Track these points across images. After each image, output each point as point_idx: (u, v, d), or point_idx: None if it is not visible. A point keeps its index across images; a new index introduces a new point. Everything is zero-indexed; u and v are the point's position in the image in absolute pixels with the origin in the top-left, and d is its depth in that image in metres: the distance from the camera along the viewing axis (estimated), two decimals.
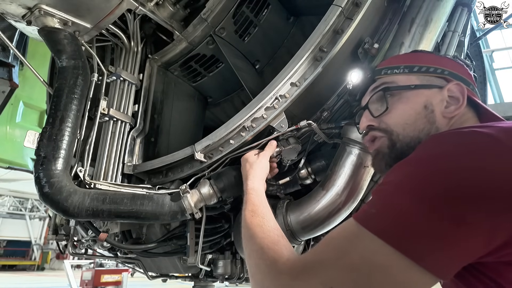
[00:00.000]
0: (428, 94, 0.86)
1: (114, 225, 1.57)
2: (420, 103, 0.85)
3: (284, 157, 1.37)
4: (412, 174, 0.60)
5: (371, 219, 0.58)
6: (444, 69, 0.90)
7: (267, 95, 1.32)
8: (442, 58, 0.97)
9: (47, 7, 1.50)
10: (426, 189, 0.55)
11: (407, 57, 0.98)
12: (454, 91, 0.85)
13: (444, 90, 0.85)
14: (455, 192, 0.53)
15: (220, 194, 1.40)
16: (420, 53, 1.03)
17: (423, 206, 0.54)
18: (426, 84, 0.88)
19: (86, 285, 8.99)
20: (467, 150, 0.58)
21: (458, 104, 0.83)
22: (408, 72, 0.91)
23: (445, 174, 0.56)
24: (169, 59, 2.02)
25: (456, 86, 0.85)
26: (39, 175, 1.31)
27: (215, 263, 1.80)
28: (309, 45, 1.29)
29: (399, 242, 0.53)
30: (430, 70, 0.90)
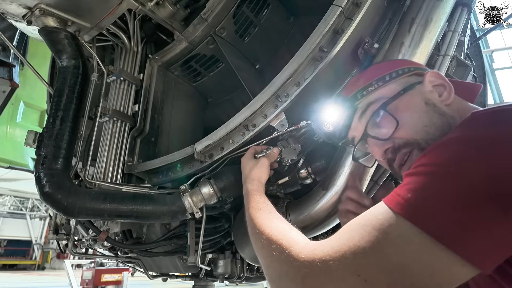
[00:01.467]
0: (417, 91, 0.84)
1: (114, 224, 1.58)
2: (420, 102, 0.82)
3: (284, 157, 1.38)
4: (458, 156, 0.52)
5: (406, 206, 0.52)
6: (409, 67, 0.91)
7: (267, 95, 1.32)
8: (394, 61, 0.98)
9: (48, 7, 1.50)
10: (474, 175, 0.49)
11: (368, 75, 0.95)
12: (434, 80, 0.84)
13: (426, 83, 0.84)
14: (506, 180, 0.47)
15: (220, 194, 1.41)
16: (376, 66, 1.01)
17: (462, 192, 0.48)
18: (409, 85, 0.86)
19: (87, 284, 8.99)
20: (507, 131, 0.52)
21: (446, 89, 0.82)
22: (383, 84, 0.89)
23: (497, 158, 0.49)
24: (169, 59, 2.02)
25: (432, 74, 0.85)
26: (39, 175, 1.32)
27: (215, 262, 1.80)
28: (309, 45, 1.29)
29: (441, 232, 0.48)
30: (399, 73, 0.89)
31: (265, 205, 0.96)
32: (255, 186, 1.10)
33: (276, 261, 0.67)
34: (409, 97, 0.83)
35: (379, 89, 0.88)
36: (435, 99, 0.82)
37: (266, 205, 0.96)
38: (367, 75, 0.95)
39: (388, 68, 0.91)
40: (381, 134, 0.83)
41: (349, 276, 0.51)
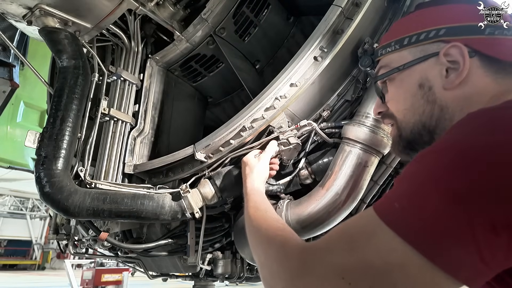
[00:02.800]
0: (422, 69, 0.75)
1: (114, 224, 1.58)
2: (414, 83, 0.76)
3: (284, 157, 1.38)
4: (440, 166, 0.51)
5: (391, 214, 0.52)
6: (439, 28, 0.74)
7: (267, 95, 1.33)
8: (442, 9, 0.78)
9: (48, 7, 1.51)
10: (455, 187, 0.47)
11: (402, 25, 0.85)
12: (452, 54, 0.71)
13: (441, 56, 0.72)
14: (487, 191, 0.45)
15: (220, 194, 1.41)
16: (417, 13, 0.84)
17: (449, 205, 0.46)
18: (418, 58, 0.76)
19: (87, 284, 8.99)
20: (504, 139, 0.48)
21: (458, 70, 0.69)
22: (400, 48, 0.80)
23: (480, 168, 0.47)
24: (170, 59, 2.02)
25: (452, 48, 0.71)
26: (40, 175, 1.32)
27: (215, 262, 1.80)
28: (309, 45, 1.29)
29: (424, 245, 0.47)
30: (421, 38, 0.76)
31: (262, 205, 0.97)
32: (254, 184, 1.12)
33: (268, 260, 0.68)
34: (409, 72, 0.77)
35: (395, 53, 0.81)
36: (437, 81, 0.72)
37: (263, 204, 0.97)
38: (399, 27, 0.85)
39: (421, 23, 0.78)
40: (381, 92, 0.87)
41: (334, 278, 0.52)
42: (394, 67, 0.80)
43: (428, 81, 0.74)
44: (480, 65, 0.69)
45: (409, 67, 0.77)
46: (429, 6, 0.81)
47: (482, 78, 0.69)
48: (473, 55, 0.69)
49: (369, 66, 0.91)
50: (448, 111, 0.71)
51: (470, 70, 0.69)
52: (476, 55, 0.69)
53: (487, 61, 0.69)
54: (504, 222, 0.43)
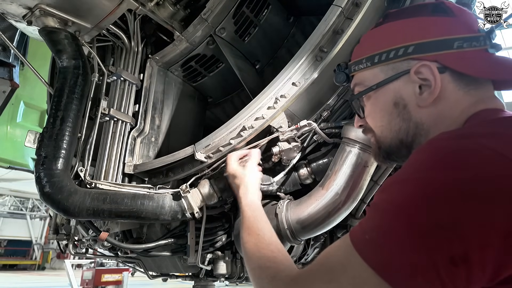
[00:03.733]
0: (396, 87, 0.75)
1: (114, 224, 1.58)
2: (389, 102, 0.76)
3: (284, 157, 1.38)
4: (403, 199, 0.53)
5: (363, 246, 0.55)
6: (407, 46, 0.73)
7: (267, 95, 1.33)
8: (410, 23, 0.77)
9: (48, 7, 1.51)
10: (417, 221, 0.50)
11: (372, 40, 0.84)
12: (422, 73, 0.71)
13: (412, 75, 0.72)
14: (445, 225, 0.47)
15: (220, 194, 1.41)
16: (385, 26, 0.82)
17: (411, 238, 0.49)
18: (390, 76, 0.76)
19: (87, 284, 8.99)
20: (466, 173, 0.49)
21: (430, 89, 0.70)
22: (371, 65, 0.79)
23: (439, 203, 0.49)
24: (170, 59, 2.02)
25: (422, 67, 0.70)
26: (40, 175, 1.32)
27: (215, 262, 1.80)
28: (309, 45, 1.29)
29: (389, 274, 0.50)
30: (390, 56, 0.75)
31: (255, 224, 0.95)
32: (248, 198, 1.07)
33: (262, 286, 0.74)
34: (383, 91, 0.78)
35: (367, 70, 0.81)
36: (411, 99, 0.73)
37: (257, 224, 0.95)
38: (369, 42, 0.85)
39: (389, 39, 0.77)
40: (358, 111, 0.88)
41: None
42: (368, 85, 0.80)
43: (402, 99, 0.74)
44: (451, 80, 0.70)
45: (382, 86, 0.77)
46: (397, 19, 0.79)
47: (454, 93, 0.70)
48: (443, 71, 0.70)
49: (344, 81, 0.93)
50: (423, 127, 0.72)
51: (442, 86, 0.70)
52: (446, 70, 0.70)
53: (457, 75, 0.70)
54: (461, 255, 0.46)
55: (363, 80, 0.83)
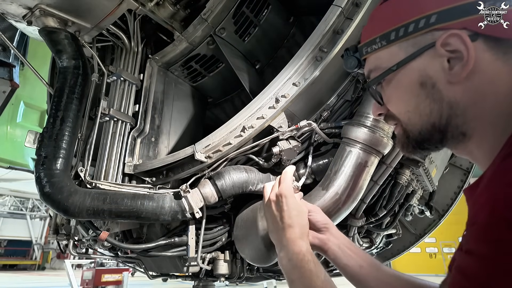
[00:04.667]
0: (420, 65, 0.65)
1: (114, 224, 1.58)
2: (414, 83, 0.66)
3: (284, 157, 1.38)
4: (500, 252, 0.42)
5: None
6: (429, 15, 0.63)
7: (267, 95, 1.33)
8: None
9: (48, 7, 1.51)
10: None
11: (384, 15, 0.73)
12: (451, 44, 0.61)
13: (438, 47, 0.62)
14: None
15: (220, 194, 1.41)
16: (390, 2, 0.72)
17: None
18: (412, 54, 0.66)
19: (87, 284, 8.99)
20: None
21: (463, 61, 0.60)
22: (387, 44, 0.69)
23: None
24: (170, 59, 2.02)
25: (450, 37, 0.61)
26: (40, 175, 1.32)
27: (215, 262, 1.80)
28: (309, 45, 1.29)
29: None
30: (409, 30, 0.65)
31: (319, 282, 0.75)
32: (303, 246, 0.83)
33: None
34: (405, 71, 0.68)
35: (382, 50, 0.71)
36: (440, 77, 0.63)
37: (323, 283, 0.76)
38: (380, 18, 0.74)
39: (403, 12, 0.68)
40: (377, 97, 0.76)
41: None
42: (385, 67, 0.70)
43: (430, 78, 0.64)
44: (486, 48, 0.60)
45: (403, 66, 0.67)
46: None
47: (492, 63, 0.59)
48: (475, 38, 0.60)
49: (355, 67, 0.81)
50: (459, 106, 0.62)
51: (477, 56, 0.59)
52: (479, 37, 0.60)
53: (493, 42, 0.60)
54: None
55: (379, 63, 0.72)
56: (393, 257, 2.89)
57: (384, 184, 1.61)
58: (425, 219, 2.58)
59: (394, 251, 2.82)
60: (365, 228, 2.01)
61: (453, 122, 0.63)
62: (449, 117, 0.64)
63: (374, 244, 2.18)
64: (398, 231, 2.37)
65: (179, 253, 1.62)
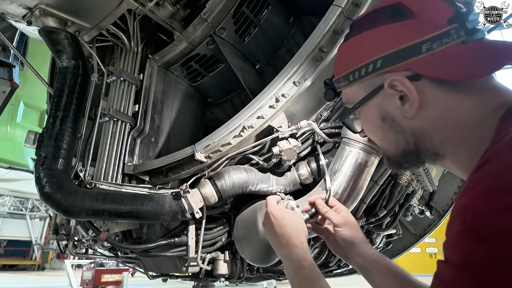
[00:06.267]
0: (378, 102, 0.71)
1: (114, 225, 1.58)
2: (376, 118, 0.72)
3: (284, 157, 1.37)
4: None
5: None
6: (375, 60, 0.68)
7: (267, 95, 1.33)
8: (373, 34, 0.70)
9: (47, 7, 1.50)
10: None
11: (345, 55, 0.79)
12: (396, 86, 0.66)
13: (387, 90, 0.67)
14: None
15: (220, 194, 1.40)
16: (352, 40, 0.76)
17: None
18: (369, 93, 0.71)
19: (87, 284, 8.98)
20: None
21: (409, 100, 0.64)
22: (349, 83, 0.75)
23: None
24: (169, 59, 2.02)
25: (393, 81, 0.65)
26: (39, 175, 1.32)
27: (215, 262, 1.80)
28: (309, 45, 1.29)
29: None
30: (362, 73, 0.71)
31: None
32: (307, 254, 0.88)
33: None
34: (367, 107, 0.74)
35: (348, 88, 0.77)
36: (395, 112, 0.68)
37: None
38: (340, 60, 0.80)
39: (357, 56, 0.73)
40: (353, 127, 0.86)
41: None
42: (353, 103, 0.77)
43: (388, 113, 0.70)
44: (433, 85, 0.63)
45: (365, 103, 0.73)
46: (360, 31, 0.74)
47: (444, 96, 0.63)
48: (418, 78, 0.63)
49: (333, 98, 0.89)
50: (422, 134, 0.67)
51: (423, 93, 0.63)
52: (421, 77, 0.63)
53: (436, 80, 0.63)
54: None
55: (348, 98, 0.79)
56: (393, 257, 2.89)
57: (384, 184, 1.60)
58: (425, 219, 2.57)
59: (394, 251, 2.82)
60: (365, 228, 2.00)
61: (422, 146, 0.68)
62: (416, 143, 0.68)
63: (374, 244, 2.18)
64: (398, 231, 2.37)
65: (179, 253, 1.62)
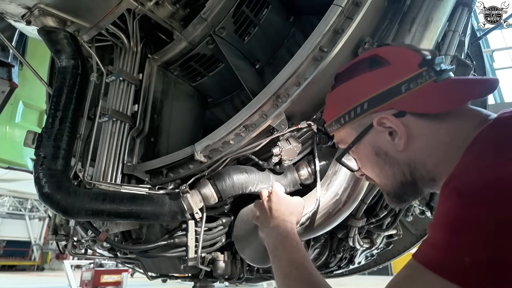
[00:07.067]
0: (370, 140, 0.78)
1: (114, 225, 1.57)
2: (371, 154, 0.78)
3: (285, 157, 1.37)
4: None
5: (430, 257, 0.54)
6: (362, 103, 0.76)
7: (267, 95, 1.32)
8: (359, 81, 0.80)
9: (47, 7, 1.50)
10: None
11: (334, 102, 0.87)
12: (383, 123, 0.74)
13: (376, 128, 0.75)
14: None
15: (220, 194, 1.40)
16: (339, 89, 0.86)
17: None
18: (360, 133, 0.78)
19: (86, 285, 8.99)
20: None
21: (398, 135, 0.72)
22: (341, 126, 0.83)
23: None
24: (169, 59, 2.01)
25: (380, 119, 0.73)
26: (38, 175, 1.31)
27: (215, 263, 1.79)
28: (309, 45, 1.29)
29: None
30: (351, 115, 0.79)
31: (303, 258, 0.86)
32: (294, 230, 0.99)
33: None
34: (362, 146, 0.80)
35: (340, 130, 0.84)
36: (387, 147, 0.75)
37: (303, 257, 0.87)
38: (330, 107, 0.89)
39: (345, 101, 0.81)
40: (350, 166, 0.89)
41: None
42: (347, 143, 0.83)
43: (381, 149, 0.76)
44: (417, 118, 0.72)
45: (358, 142, 0.79)
46: (345, 80, 0.83)
47: (429, 126, 0.71)
48: (403, 114, 0.72)
49: (327, 142, 0.98)
50: (416, 163, 0.73)
51: (410, 126, 0.72)
52: (406, 113, 0.72)
53: (418, 114, 0.72)
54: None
55: (341, 139, 0.86)
56: (393, 258, 2.89)
57: None
58: (426, 219, 2.57)
59: (394, 252, 2.82)
60: (366, 229, 2.00)
61: (418, 175, 0.73)
62: (411, 173, 0.73)
63: (374, 245, 2.17)
64: (398, 231, 2.37)
65: (178, 253, 1.62)
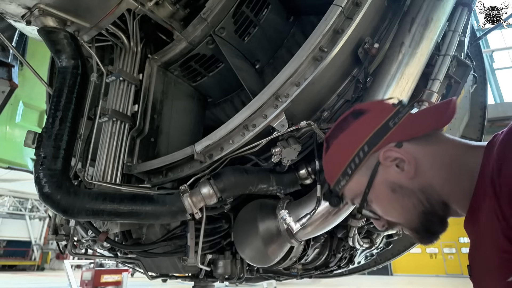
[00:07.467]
0: (382, 179, 0.80)
1: (114, 225, 1.57)
2: (388, 193, 0.80)
3: (284, 157, 1.37)
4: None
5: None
6: (362, 147, 0.81)
7: (267, 95, 1.32)
8: (349, 133, 0.86)
9: (47, 7, 1.50)
10: None
11: (333, 161, 0.90)
12: (389, 157, 0.78)
13: (384, 163, 0.79)
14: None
15: (220, 194, 1.40)
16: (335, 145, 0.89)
17: None
18: (370, 175, 0.81)
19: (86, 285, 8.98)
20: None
21: (405, 162, 0.76)
22: (349, 177, 0.84)
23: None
24: (169, 59, 2.01)
25: (384, 153, 0.78)
26: (39, 175, 1.31)
27: (215, 263, 1.79)
28: (309, 44, 1.29)
29: None
30: (356, 162, 0.82)
31: None
32: None
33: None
34: (377, 188, 0.81)
35: (349, 183, 0.85)
36: (400, 179, 0.78)
37: None
38: (331, 166, 0.91)
39: (345, 153, 0.85)
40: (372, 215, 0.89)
41: None
42: (361, 193, 0.84)
43: (394, 183, 0.79)
44: (416, 143, 0.78)
45: (372, 185, 0.81)
46: (338, 136, 0.88)
47: (427, 148, 0.77)
48: (401, 144, 0.78)
49: (339, 202, 0.94)
50: (427, 187, 0.76)
51: (412, 152, 0.77)
52: (403, 142, 0.78)
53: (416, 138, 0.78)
54: None
55: (353, 192, 0.87)
56: (393, 258, 2.89)
57: None
58: None
59: (394, 252, 2.82)
60: (366, 229, 2.00)
61: (433, 200, 0.77)
62: (429, 199, 0.77)
63: (374, 245, 2.17)
64: (398, 231, 2.37)
65: (178, 253, 1.62)
